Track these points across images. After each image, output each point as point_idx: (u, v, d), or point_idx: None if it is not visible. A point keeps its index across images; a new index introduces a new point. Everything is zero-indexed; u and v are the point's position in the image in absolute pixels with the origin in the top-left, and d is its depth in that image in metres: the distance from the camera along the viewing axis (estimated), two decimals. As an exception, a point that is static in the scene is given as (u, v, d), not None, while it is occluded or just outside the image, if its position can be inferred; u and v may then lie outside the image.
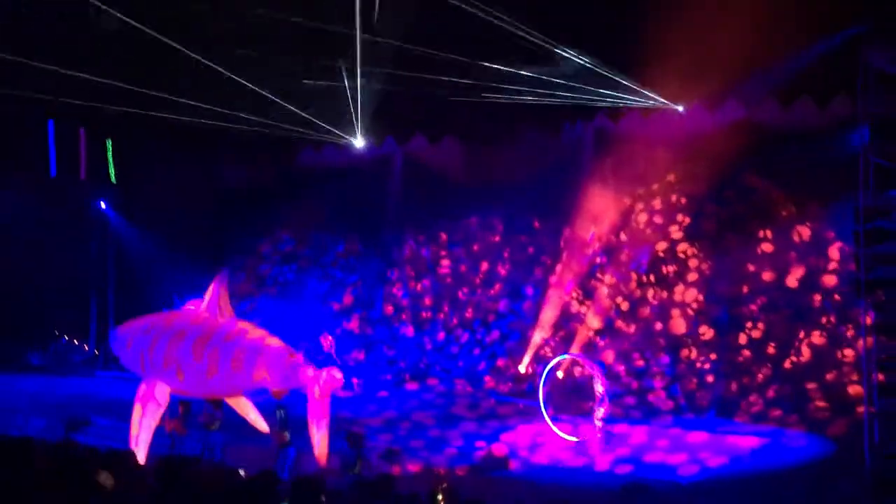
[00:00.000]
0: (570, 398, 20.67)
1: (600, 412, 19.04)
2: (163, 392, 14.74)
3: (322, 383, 13.60)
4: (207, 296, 15.19)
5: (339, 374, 13.83)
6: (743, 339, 22.23)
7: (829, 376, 21.42)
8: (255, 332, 14.43)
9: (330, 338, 24.36)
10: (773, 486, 16.22)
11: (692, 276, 23.21)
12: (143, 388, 14.89)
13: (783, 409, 21.21)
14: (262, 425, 15.09)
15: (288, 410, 15.70)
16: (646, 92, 23.85)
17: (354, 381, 24.32)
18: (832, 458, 17.94)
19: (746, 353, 22.09)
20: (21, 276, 26.92)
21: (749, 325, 22.35)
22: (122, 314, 25.96)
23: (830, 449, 18.53)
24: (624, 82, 23.62)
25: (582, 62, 22.75)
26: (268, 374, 13.62)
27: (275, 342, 14.19)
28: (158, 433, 15.31)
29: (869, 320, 16.18)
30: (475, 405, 23.44)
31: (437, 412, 22.58)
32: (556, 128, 28.29)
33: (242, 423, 15.37)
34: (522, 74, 23.62)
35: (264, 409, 15.45)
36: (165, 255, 29.04)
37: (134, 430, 14.75)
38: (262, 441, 16.00)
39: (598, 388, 19.22)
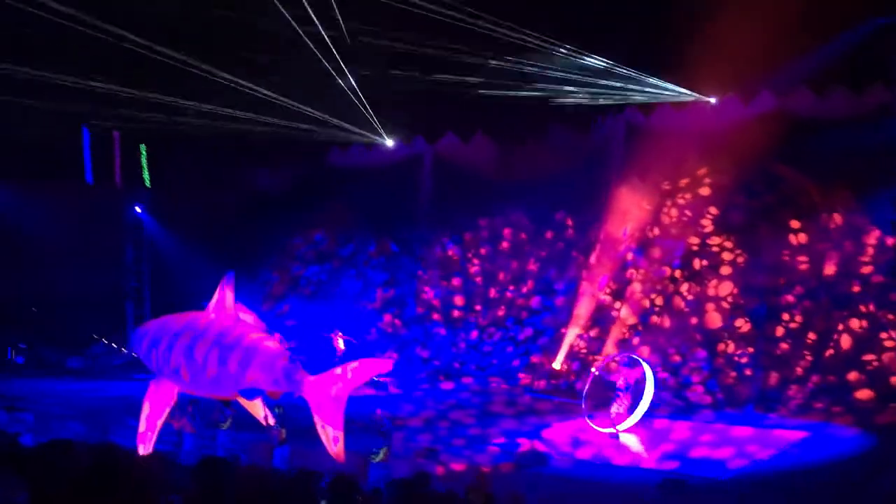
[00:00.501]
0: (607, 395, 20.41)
1: (617, 407, 18.86)
2: (170, 390, 15.08)
3: (320, 386, 13.66)
4: (214, 298, 15.51)
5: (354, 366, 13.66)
6: (780, 331, 21.97)
7: (870, 366, 21.14)
8: (254, 334, 14.61)
9: (342, 336, 24.39)
10: (813, 481, 16.01)
11: (727, 270, 22.98)
12: (152, 386, 15.25)
13: (824, 401, 20.95)
14: (271, 422, 15.52)
15: (285, 409, 16.00)
16: (677, 87, 23.74)
17: (385, 380, 24.40)
18: (874, 450, 17.67)
19: (784, 345, 21.84)
20: (59, 281, 27.35)
21: (786, 316, 22.10)
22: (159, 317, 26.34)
23: (873, 441, 18.25)
24: (656, 76, 23.52)
25: (610, 60, 22.68)
26: (261, 375, 13.86)
27: (272, 344, 14.42)
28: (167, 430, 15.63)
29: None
30: (511, 402, 23.38)
31: (474, 410, 22.55)
32: (586, 123, 28.22)
33: (252, 421, 15.73)
34: (552, 71, 23.59)
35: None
36: (200, 258, 29.32)
37: (141, 427, 15.04)
38: (267, 438, 16.40)
39: (620, 381, 19.03)
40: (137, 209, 30.66)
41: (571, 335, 24.40)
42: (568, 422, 20.55)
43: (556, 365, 24.16)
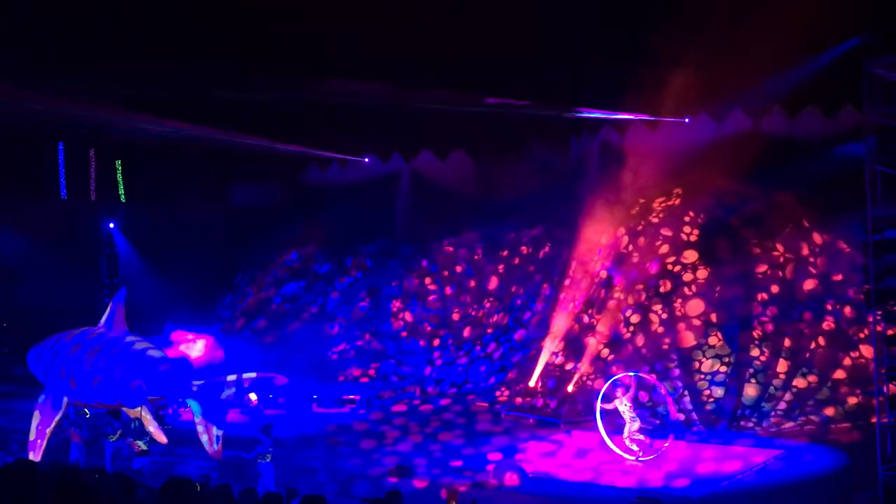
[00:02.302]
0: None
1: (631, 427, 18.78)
2: (59, 401, 16.21)
3: (206, 391, 14.92)
4: (106, 312, 16.76)
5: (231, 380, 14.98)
6: (754, 350, 22.08)
7: (842, 388, 21.28)
8: (140, 344, 15.81)
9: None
10: (784, 499, 16.08)
11: (701, 288, 23.08)
12: (41, 397, 16.44)
13: (795, 421, 21.07)
14: (161, 437, 16.02)
15: (139, 422, 16.56)
16: (652, 104, 23.95)
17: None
18: (845, 469, 17.77)
19: (757, 364, 21.93)
20: (31, 296, 27.04)
21: (759, 334, 22.21)
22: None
23: (843, 461, 18.36)
24: (631, 94, 23.71)
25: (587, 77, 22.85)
26: (143, 382, 14.95)
27: (155, 354, 15.55)
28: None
29: (880, 330, 16.03)
30: (482, 420, 23.32)
31: (447, 428, 22.48)
32: (563, 141, 28.47)
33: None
34: (528, 89, 23.74)
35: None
36: (174, 275, 29.20)
37: (31, 435, 16.18)
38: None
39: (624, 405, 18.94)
40: (111, 224, 30.41)
41: (547, 352, 24.40)
42: (541, 440, 20.56)
43: (532, 382, 24.13)
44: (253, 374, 15.19)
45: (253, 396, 23.91)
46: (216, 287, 31.47)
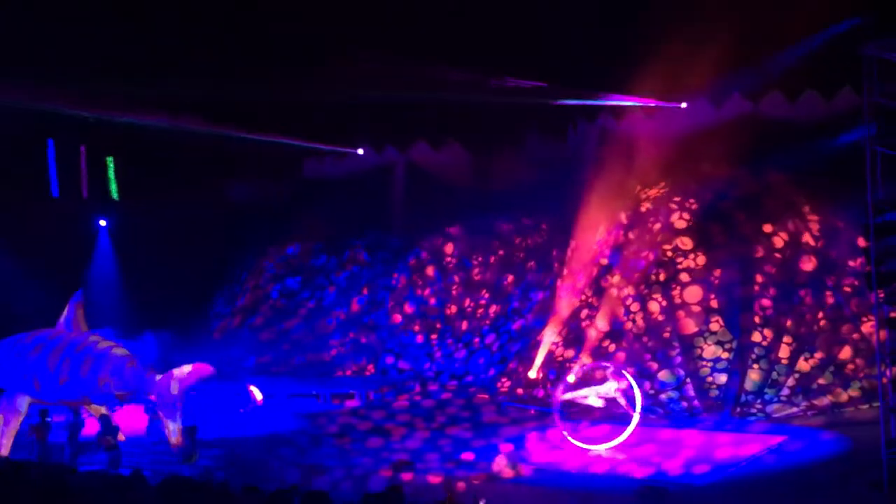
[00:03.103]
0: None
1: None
2: (22, 401, 17.27)
3: (167, 385, 16.05)
4: (64, 313, 17.81)
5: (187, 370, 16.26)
6: (756, 335, 21.95)
7: (845, 370, 21.18)
8: (103, 343, 16.83)
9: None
10: (789, 485, 15.98)
11: (701, 274, 22.95)
12: (3, 399, 17.48)
13: (798, 406, 20.97)
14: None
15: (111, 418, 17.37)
16: (649, 90, 23.81)
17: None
18: (849, 454, 17.68)
19: (760, 350, 21.82)
20: (22, 294, 26.76)
21: (760, 320, 22.09)
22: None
23: (847, 445, 18.27)
24: (627, 78, 23.55)
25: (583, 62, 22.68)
26: (111, 379, 16.08)
27: (120, 352, 16.61)
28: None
29: (882, 314, 15.92)
30: (488, 411, 23.21)
31: (449, 420, 22.37)
32: (560, 131, 28.31)
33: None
34: (525, 77, 23.57)
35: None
36: (169, 270, 28.99)
37: None
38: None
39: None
40: (102, 222, 30.10)
41: (547, 343, 24.27)
42: (544, 430, 20.43)
43: (532, 373, 24.02)
44: (189, 368, 16.26)
45: (258, 394, 23.81)
46: (211, 285, 31.29)
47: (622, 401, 18.93)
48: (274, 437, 20.95)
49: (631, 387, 19.07)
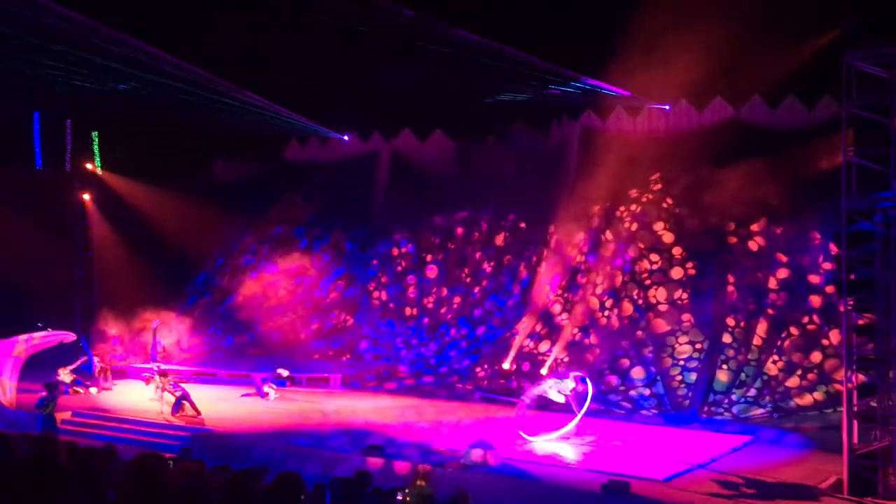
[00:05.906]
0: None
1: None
2: None
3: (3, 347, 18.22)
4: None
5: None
6: (727, 338, 22.29)
7: (811, 375, 21.52)
8: None
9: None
10: (752, 484, 16.30)
11: (677, 274, 23.25)
12: None
13: (765, 408, 21.31)
14: None
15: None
16: (633, 90, 23.96)
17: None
18: (812, 456, 18.04)
19: (730, 351, 22.15)
20: (4, 267, 26.69)
21: (732, 322, 22.42)
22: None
23: (811, 448, 18.63)
24: (611, 80, 23.71)
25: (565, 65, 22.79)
26: None
27: None
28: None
29: (850, 320, 16.24)
30: (460, 401, 23.37)
31: (422, 409, 22.48)
32: (543, 125, 28.46)
33: None
34: (511, 73, 23.64)
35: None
36: (150, 247, 29.00)
37: None
38: None
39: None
40: (86, 196, 29.96)
41: (522, 335, 24.50)
42: (513, 422, 20.62)
43: (506, 365, 24.25)
44: (45, 332, 18.35)
45: (284, 372, 23.86)
46: (190, 265, 31.24)
47: (572, 401, 19.16)
48: (252, 419, 21.16)
49: (586, 393, 19.31)
